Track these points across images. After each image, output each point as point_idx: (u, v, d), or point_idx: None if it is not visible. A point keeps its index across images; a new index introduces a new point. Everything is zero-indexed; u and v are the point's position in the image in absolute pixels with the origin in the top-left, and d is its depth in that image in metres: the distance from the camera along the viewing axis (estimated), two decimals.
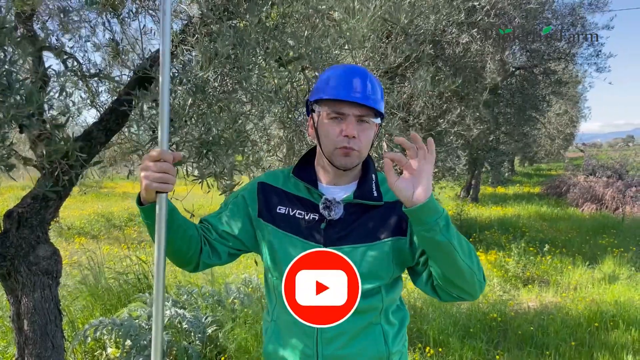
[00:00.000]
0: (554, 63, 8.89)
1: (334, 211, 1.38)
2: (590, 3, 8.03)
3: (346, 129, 1.33)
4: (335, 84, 1.36)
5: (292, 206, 1.44)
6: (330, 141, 1.36)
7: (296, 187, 1.47)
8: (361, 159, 1.41)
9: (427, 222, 1.17)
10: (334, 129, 1.35)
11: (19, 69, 1.72)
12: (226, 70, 2.32)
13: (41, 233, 2.64)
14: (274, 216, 1.44)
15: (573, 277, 6.40)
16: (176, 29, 2.79)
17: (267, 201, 1.47)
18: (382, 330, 1.42)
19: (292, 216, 1.42)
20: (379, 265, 1.38)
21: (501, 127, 9.22)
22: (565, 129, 21.27)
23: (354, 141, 1.34)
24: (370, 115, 1.37)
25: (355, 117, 1.34)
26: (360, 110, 1.34)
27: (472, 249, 1.28)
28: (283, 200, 1.46)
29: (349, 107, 1.34)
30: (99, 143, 2.80)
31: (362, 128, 1.36)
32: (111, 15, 2.85)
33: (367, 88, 1.36)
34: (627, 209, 12.01)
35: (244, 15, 2.47)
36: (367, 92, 1.35)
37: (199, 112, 2.25)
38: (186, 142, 2.15)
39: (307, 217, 1.41)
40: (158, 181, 1.22)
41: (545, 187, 17.60)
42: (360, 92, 1.34)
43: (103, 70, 3.26)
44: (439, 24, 4.60)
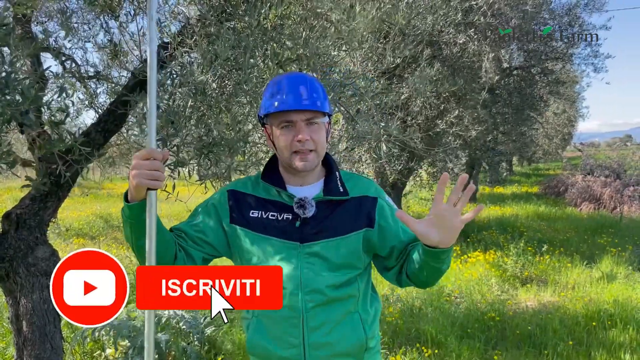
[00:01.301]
0: (552, 63, 8.91)
1: (307, 209, 1.46)
2: (587, 3, 8.04)
3: (297, 135, 1.42)
4: (279, 95, 1.44)
5: (264, 210, 1.51)
6: (286, 149, 1.45)
7: (266, 192, 1.54)
8: (319, 158, 1.50)
9: (442, 259, 1.32)
10: (287, 137, 1.44)
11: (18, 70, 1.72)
12: (225, 72, 2.33)
13: (40, 234, 2.65)
14: (248, 221, 1.51)
15: (571, 276, 6.42)
16: (174, 30, 2.80)
17: (239, 207, 1.53)
18: (360, 317, 1.53)
19: (265, 219, 1.49)
20: (352, 256, 1.49)
21: (499, 127, 9.23)
22: (563, 128, 21.31)
23: (307, 143, 1.43)
24: (318, 117, 1.45)
25: (304, 121, 1.43)
26: (307, 115, 1.43)
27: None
28: (255, 205, 1.52)
29: (295, 114, 1.43)
30: (97, 144, 2.81)
31: (313, 129, 1.44)
32: (109, 17, 2.86)
33: (308, 92, 1.44)
34: (625, 208, 12.04)
35: (242, 17, 2.48)
36: (309, 96, 1.43)
37: (199, 114, 2.26)
38: (187, 143, 2.16)
39: (280, 218, 1.49)
40: (149, 178, 1.27)
41: (543, 186, 17.63)
42: (303, 97, 1.43)
43: (101, 71, 3.27)
44: (436, 25, 4.62)
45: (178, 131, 2.07)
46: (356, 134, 2.59)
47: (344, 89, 2.55)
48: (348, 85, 2.58)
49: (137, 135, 2.99)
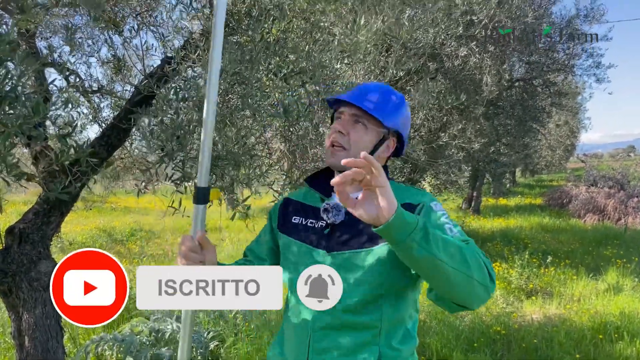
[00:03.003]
0: (554, 75, 8.93)
1: (331, 213, 1.37)
2: (586, 15, 8.09)
3: (337, 125, 1.37)
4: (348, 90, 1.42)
5: (305, 216, 1.47)
6: (327, 140, 1.40)
7: (312, 198, 1.50)
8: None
9: (401, 239, 1.06)
10: (332, 128, 1.40)
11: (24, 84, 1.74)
12: (229, 85, 2.34)
13: (42, 249, 2.64)
14: (289, 226, 1.49)
15: (576, 288, 6.37)
16: (178, 44, 2.82)
17: (286, 213, 1.52)
18: (380, 354, 1.32)
19: (304, 225, 1.45)
20: (377, 271, 1.31)
21: (502, 138, 9.24)
22: (565, 139, 21.30)
23: (340, 137, 1.35)
24: (369, 120, 1.35)
25: (350, 115, 1.37)
26: (356, 110, 1.36)
27: (468, 251, 1.15)
28: (299, 211, 1.50)
29: (344, 106, 1.38)
30: (101, 159, 2.82)
31: (355, 128, 1.36)
32: (113, 32, 2.88)
33: (365, 92, 1.39)
34: (629, 219, 11.98)
35: (245, 31, 2.50)
36: (366, 98, 1.37)
37: None
38: (191, 158, 2.16)
39: (316, 225, 1.43)
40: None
41: (547, 198, 17.58)
42: (360, 95, 1.38)
43: (105, 86, 3.29)
44: (437, 38, 4.64)
45: (183, 146, 2.07)
46: None
47: None
48: None
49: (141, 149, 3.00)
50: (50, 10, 2.60)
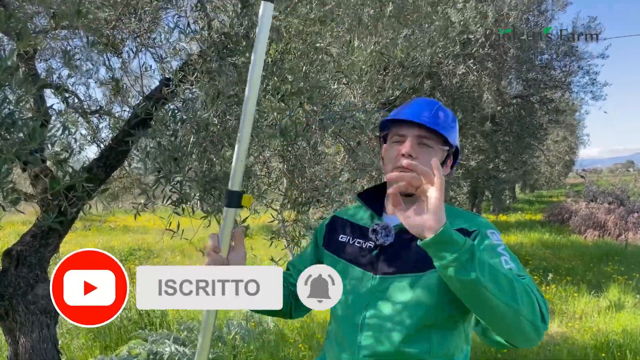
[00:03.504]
0: (551, 91, 9.00)
1: (380, 234, 1.33)
2: (582, 32, 8.16)
3: (404, 148, 1.26)
4: (401, 109, 1.36)
5: (353, 235, 1.42)
6: (390, 163, 1.31)
7: (362, 216, 1.46)
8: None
9: (445, 257, 1.03)
10: (394, 150, 1.30)
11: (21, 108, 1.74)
12: (227, 107, 2.35)
13: (40, 271, 2.63)
14: (336, 245, 1.45)
15: (578, 306, 6.33)
16: (176, 65, 2.84)
17: (332, 231, 1.49)
18: None
19: (351, 244, 1.41)
20: (427, 298, 1.24)
21: (500, 155, 9.27)
22: (564, 155, 21.37)
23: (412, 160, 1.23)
24: (433, 139, 1.29)
25: (415, 137, 1.28)
26: (420, 131, 1.28)
27: (520, 285, 1.09)
28: (346, 229, 1.46)
29: (407, 128, 1.30)
30: (99, 179, 2.82)
31: (423, 150, 1.28)
32: (111, 54, 2.90)
33: (431, 112, 1.32)
34: (630, 235, 11.94)
35: (243, 52, 2.52)
36: (430, 115, 1.30)
37: (201, 149, 2.27)
38: (189, 179, 2.16)
39: (364, 245, 1.38)
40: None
41: (547, 214, 17.55)
42: (422, 114, 1.30)
43: (104, 106, 3.30)
44: (435, 57, 4.68)
45: (181, 168, 2.07)
46: (357, 166, 2.60)
47: (344, 121, 2.56)
48: (348, 118, 2.60)
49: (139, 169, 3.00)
50: (49, 32, 2.63)
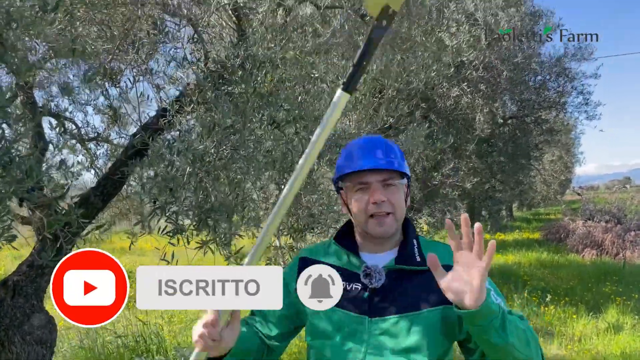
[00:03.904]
0: (545, 112, 9.08)
1: (374, 278, 1.34)
2: (574, 53, 8.27)
3: (373, 196, 1.32)
4: (353, 156, 1.38)
5: None
6: (361, 213, 1.35)
7: (338, 258, 1.45)
8: (398, 222, 1.38)
9: (481, 325, 1.12)
10: (362, 200, 1.35)
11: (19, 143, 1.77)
12: (222, 137, 2.37)
13: (36, 301, 2.62)
14: None
15: (577, 327, 6.30)
16: (173, 94, 2.88)
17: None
18: None
19: None
20: (427, 337, 1.29)
21: (496, 175, 9.31)
22: (560, 175, 21.43)
23: (384, 205, 1.33)
24: (394, 178, 1.36)
25: (380, 182, 1.34)
26: (383, 175, 1.34)
27: (529, 332, 1.21)
28: None
29: (371, 175, 1.34)
30: (96, 209, 2.83)
31: (390, 191, 1.35)
32: (109, 84, 2.94)
33: (384, 152, 1.37)
34: (627, 254, 11.94)
35: (238, 83, 2.56)
36: (384, 156, 1.36)
37: (197, 180, 2.29)
38: (185, 210, 2.18)
39: (349, 288, 1.36)
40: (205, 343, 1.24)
41: (544, 232, 17.54)
42: (379, 157, 1.35)
43: (102, 133, 3.33)
44: (429, 81, 4.74)
45: (176, 199, 2.09)
46: None
47: (339, 150, 2.59)
48: (343, 146, 2.63)
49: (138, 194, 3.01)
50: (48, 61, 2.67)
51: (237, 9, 2.50)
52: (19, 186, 1.41)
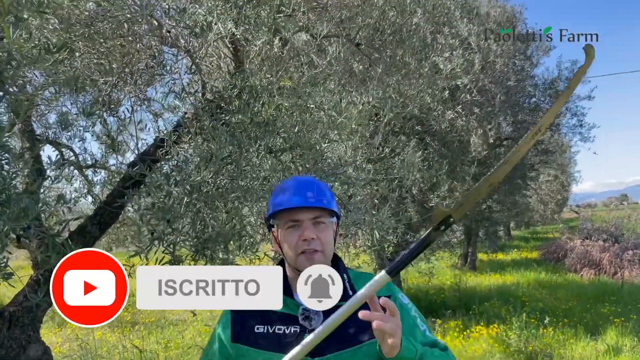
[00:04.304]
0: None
1: (314, 320, 1.37)
2: (567, 76, 8.37)
3: (304, 233, 1.37)
4: (285, 195, 1.42)
5: (270, 323, 1.41)
6: (291, 249, 1.39)
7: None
8: (327, 259, 1.42)
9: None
10: (293, 237, 1.39)
11: (14, 185, 1.78)
12: (220, 167, 2.40)
13: (32, 332, 2.61)
14: (254, 337, 1.41)
15: (576, 350, 6.27)
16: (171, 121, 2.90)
17: (242, 324, 1.44)
18: None
19: (272, 333, 1.39)
20: None
21: (493, 196, 9.34)
22: (556, 194, 21.51)
23: (314, 242, 1.37)
24: (325, 216, 1.42)
25: (310, 220, 1.39)
26: (314, 213, 1.40)
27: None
28: (259, 318, 1.42)
29: (302, 213, 1.39)
30: (93, 237, 2.84)
31: (320, 229, 1.40)
32: (107, 113, 2.97)
33: (314, 192, 1.42)
34: (625, 273, 11.93)
35: (236, 113, 2.59)
36: (316, 195, 1.41)
37: (195, 210, 2.30)
38: (182, 240, 2.19)
39: (287, 332, 1.38)
40: None
41: (542, 252, 17.53)
42: (310, 196, 1.40)
43: (99, 160, 3.34)
44: (424, 104, 4.80)
45: (174, 229, 2.10)
46: (349, 222, 2.64)
47: (335, 178, 2.62)
48: (339, 175, 2.66)
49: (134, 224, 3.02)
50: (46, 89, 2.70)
51: (234, 40, 2.55)
52: (15, 224, 1.42)
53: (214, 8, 2.44)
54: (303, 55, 2.82)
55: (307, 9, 2.90)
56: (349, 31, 3.23)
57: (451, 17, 5.11)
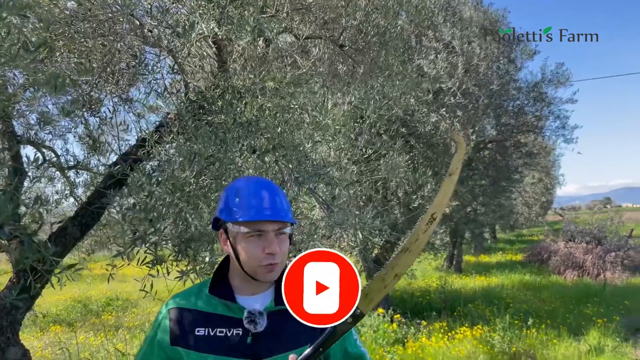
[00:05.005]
0: (524, 136, 9.25)
1: (259, 324, 1.35)
2: (550, 79, 8.47)
3: (269, 247, 1.33)
4: (248, 203, 1.36)
5: (211, 326, 1.37)
6: (254, 260, 1.34)
7: (213, 305, 1.40)
8: (282, 268, 1.38)
9: None
10: (257, 247, 1.34)
11: None
12: (203, 167, 2.39)
13: (11, 334, 2.57)
14: (194, 340, 1.37)
15: (559, 350, 6.32)
16: (153, 121, 2.88)
17: (181, 327, 1.39)
18: None
19: (213, 336, 1.36)
20: None
21: (478, 198, 9.41)
22: (541, 196, 21.74)
23: (277, 256, 1.34)
24: (286, 227, 1.37)
25: (274, 232, 1.35)
26: (279, 225, 1.35)
27: None
28: (200, 321, 1.38)
29: (269, 224, 1.34)
30: (73, 238, 2.80)
31: (280, 240, 1.36)
32: (89, 114, 2.94)
33: (278, 202, 1.37)
34: (607, 274, 12.08)
35: (219, 113, 2.58)
36: (280, 206, 1.37)
37: (177, 210, 2.29)
38: (165, 240, 2.18)
39: (230, 334, 1.35)
40: None
41: (527, 254, 17.70)
42: (276, 208, 1.36)
43: (82, 161, 3.31)
44: (408, 107, 4.82)
45: (156, 229, 2.09)
46: (332, 222, 2.64)
47: (319, 179, 2.62)
48: (323, 175, 2.66)
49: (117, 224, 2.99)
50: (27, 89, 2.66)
51: (217, 40, 2.54)
52: None
53: (196, 8, 2.43)
54: (287, 55, 2.83)
55: (291, 9, 2.91)
56: (333, 32, 3.25)
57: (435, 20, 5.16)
